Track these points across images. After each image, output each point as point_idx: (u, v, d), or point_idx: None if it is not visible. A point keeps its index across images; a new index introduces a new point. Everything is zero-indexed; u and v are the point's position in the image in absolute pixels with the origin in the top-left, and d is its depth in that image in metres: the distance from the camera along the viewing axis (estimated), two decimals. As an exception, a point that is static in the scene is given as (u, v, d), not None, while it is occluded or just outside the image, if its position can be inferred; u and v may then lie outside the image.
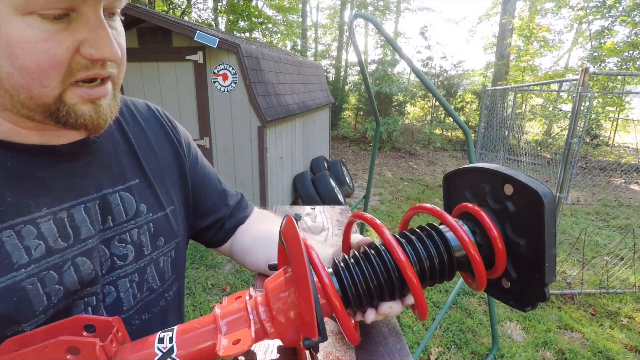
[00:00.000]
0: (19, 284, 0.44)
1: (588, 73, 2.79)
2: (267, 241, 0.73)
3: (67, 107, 0.44)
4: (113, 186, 0.56)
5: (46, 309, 0.46)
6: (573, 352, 2.47)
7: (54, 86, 0.42)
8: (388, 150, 9.26)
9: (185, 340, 0.44)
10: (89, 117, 0.46)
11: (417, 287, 0.45)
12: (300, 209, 1.14)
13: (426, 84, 1.86)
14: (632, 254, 3.39)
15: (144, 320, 0.59)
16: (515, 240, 0.46)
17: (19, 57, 0.39)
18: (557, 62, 11.81)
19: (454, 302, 2.99)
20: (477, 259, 0.46)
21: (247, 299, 0.47)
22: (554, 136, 9.10)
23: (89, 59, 0.42)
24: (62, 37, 0.40)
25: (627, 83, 8.52)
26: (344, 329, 0.46)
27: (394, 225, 4.62)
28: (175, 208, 0.66)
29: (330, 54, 14.60)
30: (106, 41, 0.42)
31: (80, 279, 0.49)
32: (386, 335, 0.58)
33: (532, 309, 0.47)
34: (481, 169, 0.51)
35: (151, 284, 0.60)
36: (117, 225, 0.55)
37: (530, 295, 0.47)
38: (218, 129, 4.07)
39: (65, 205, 0.49)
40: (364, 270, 0.48)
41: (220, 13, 11.85)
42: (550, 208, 0.42)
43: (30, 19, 0.38)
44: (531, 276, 0.46)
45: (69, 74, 0.42)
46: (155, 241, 0.61)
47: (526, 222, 0.45)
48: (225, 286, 3.16)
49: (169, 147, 0.68)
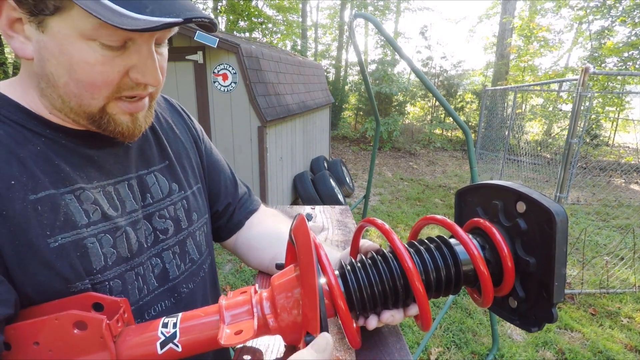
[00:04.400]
0: (82, 241, 0.50)
1: (588, 73, 2.79)
2: (275, 240, 0.75)
3: (109, 116, 0.51)
4: (148, 168, 0.63)
5: (103, 269, 0.52)
6: (573, 352, 2.47)
7: (101, 99, 0.49)
8: (388, 150, 9.26)
9: (189, 328, 0.45)
10: (126, 126, 0.53)
11: (422, 296, 0.45)
12: (300, 209, 1.14)
13: (426, 84, 1.86)
14: (632, 254, 3.39)
15: (190, 289, 0.66)
16: (525, 258, 0.46)
17: (77, 73, 0.46)
18: (557, 62, 11.82)
19: (454, 302, 2.99)
20: (486, 274, 0.46)
21: (253, 293, 0.48)
22: (554, 136, 9.10)
23: (135, 82, 0.49)
24: (116, 62, 0.46)
25: (627, 83, 8.52)
26: (346, 331, 0.46)
27: (394, 225, 4.62)
28: (200, 187, 0.73)
29: (330, 53, 14.61)
30: (152, 70, 0.49)
31: (130, 247, 0.56)
32: (386, 335, 0.58)
33: (538, 330, 0.47)
34: (495, 185, 0.51)
35: (192, 255, 0.67)
36: (156, 202, 0.62)
37: (537, 316, 0.46)
38: (218, 129, 4.07)
39: (111, 181, 0.56)
40: (370, 276, 0.48)
41: (220, 13, 11.84)
42: (563, 227, 0.42)
43: (93, 43, 0.44)
44: (539, 296, 0.45)
45: (116, 91, 0.49)
46: (190, 216, 0.67)
47: (537, 240, 0.44)
48: (225, 286, 3.16)
49: (187, 133, 0.74)
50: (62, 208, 0.49)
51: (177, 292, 0.63)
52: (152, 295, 0.59)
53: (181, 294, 0.63)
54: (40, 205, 0.47)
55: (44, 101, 0.51)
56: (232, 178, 0.82)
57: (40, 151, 0.50)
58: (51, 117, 0.52)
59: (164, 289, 0.61)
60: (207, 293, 0.71)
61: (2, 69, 7.04)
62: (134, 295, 0.56)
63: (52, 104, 0.50)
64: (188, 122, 0.76)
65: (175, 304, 0.62)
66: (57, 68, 0.46)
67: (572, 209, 5.36)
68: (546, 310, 0.44)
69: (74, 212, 0.50)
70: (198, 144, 0.76)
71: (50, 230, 0.47)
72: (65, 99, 0.48)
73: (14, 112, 0.50)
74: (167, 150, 0.67)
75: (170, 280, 0.62)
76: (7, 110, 0.50)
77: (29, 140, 0.49)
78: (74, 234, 0.49)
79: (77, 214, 0.50)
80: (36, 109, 0.51)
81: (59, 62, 0.45)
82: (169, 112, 0.74)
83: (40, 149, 0.50)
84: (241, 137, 4.04)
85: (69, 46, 0.44)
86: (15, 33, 0.46)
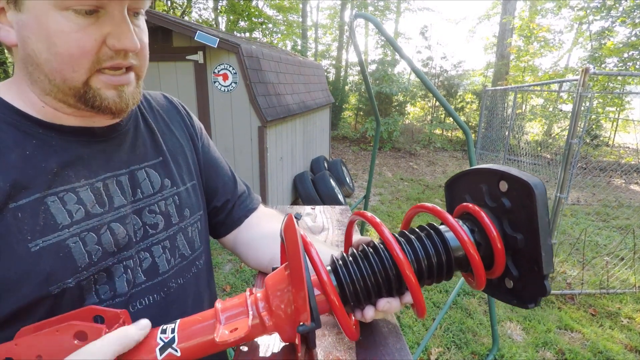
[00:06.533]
0: (64, 242, 0.51)
1: (588, 73, 2.79)
2: (272, 241, 0.75)
3: (93, 90, 0.51)
4: (139, 163, 0.63)
5: (88, 266, 0.53)
6: (573, 352, 2.47)
7: (82, 72, 0.50)
8: (388, 150, 9.26)
9: (187, 332, 0.46)
10: (112, 101, 0.53)
11: (414, 284, 0.46)
12: (301, 209, 1.14)
13: (426, 84, 1.86)
14: (632, 255, 3.39)
15: (180, 285, 0.66)
16: (513, 235, 0.47)
17: (56, 45, 0.47)
18: (557, 62, 11.81)
19: (454, 302, 2.99)
20: (476, 257, 0.47)
21: (248, 294, 0.49)
22: (554, 136, 9.10)
23: (112, 49, 0.50)
24: (91, 30, 0.48)
25: (627, 83, 8.52)
26: (340, 323, 0.47)
27: (394, 225, 4.62)
28: (196, 183, 0.73)
29: (331, 54, 14.61)
30: (127, 34, 0.50)
31: (116, 242, 0.56)
32: (386, 335, 0.58)
33: (535, 306, 0.48)
34: (478, 169, 0.52)
35: (182, 251, 0.67)
36: (146, 198, 0.63)
37: (532, 291, 0.47)
38: (218, 129, 4.07)
39: (100, 177, 0.57)
40: (361, 268, 0.48)
41: (221, 13, 11.84)
42: (542, 198, 0.43)
43: (66, 13, 0.46)
44: (531, 270, 0.46)
45: (96, 62, 0.50)
46: (182, 212, 0.68)
47: (522, 216, 0.46)
48: (225, 286, 3.16)
49: (183, 130, 0.75)
50: (42, 212, 0.50)
51: (166, 286, 0.63)
52: (139, 288, 0.59)
53: (170, 289, 0.64)
54: (20, 212, 0.48)
55: (35, 89, 0.52)
56: (230, 176, 0.82)
57: (28, 155, 0.50)
58: (45, 111, 0.53)
59: (153, 283, 0.61)
60: (200, 290, 0.72)
61: (2, 69, 7.05)
62: (122, 288, 0.57)
63: (42, 88, 0.51)
64: (186, 119, 0.77)
65: (165, 298, 0.63)
66: (37, 44, 0.47)
67: (572, 210, 5.36)
68: (539, 284, 0.45)
69: (55, 214, 0.51)
70: (195, 142, 0.76)
71: (31, 235, 0.48)
72: (50, 76, 0.50)
73: (8, 114, 0.51)
74: (161, 146, 0.68)
75: (160, 275, 0.62)
76: (1, 112, 0.51)
77: (19, 144, 0.50)
78: (55, 236, 0.50)
79: (60, 215, 0.51)
80: (31, 106, 0.53)
81: (37, 38, 0.47)
82: (166, 109, 0.74)
83: (29, 153, 0.51)
84: (241, 137, 4.04)
85: (44, 18, 0.46)
86: (0, 23, 0.49)
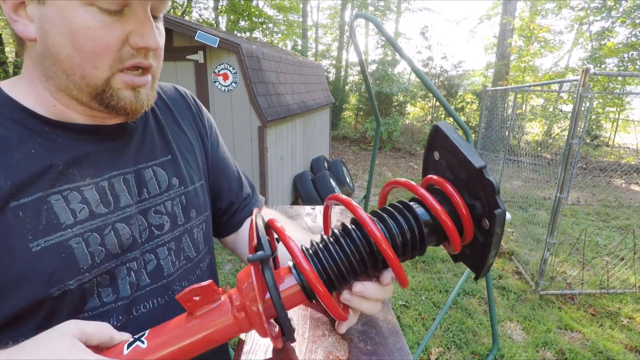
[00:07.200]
0: (67, 242, 0.50)
1: (588, 74, 2.79)
2: None
3: (112, 90, 0.51)
4: (147, 162, 0.62)
5: (90, 268, 0.52)
6: (573, 352, 2.47)
7: (104, 69, 0.49)
8: (388, 150, 9.26)
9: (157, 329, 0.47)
10: (128, 101, 0.53)
11: (392, 258, 0.46)
12: (301, 209, 1.14)
13: (427, 84, 1.86)
14: (632, 255, 3.39)
15: (184, 287, 0.64)
16: (472, 203, 0.48)
17: (79, 41, 0.47)
18: (558, 62, 11.81)
19: (454, 302, 2.99)
20: (448, 222, 0.47)
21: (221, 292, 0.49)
22: (555, 137, 9.09)
23: (135, 46, 0.50)
24: (114, 27, 0.48)
25: (627, 84, 8.52)
26: (323, 301, 0.46)
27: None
28: (204, 183, 0.72)
29: (331, 54, 14.61)
30: (150, 32, 0.50)
31: (120, 243, 0.55)
32: (386, 335, 0.58)
33: (479, 276, 0.49)
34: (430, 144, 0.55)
35: (187, 253, 0.66)
36: (152, 197, 0.61)
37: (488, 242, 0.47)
38: (218, 129, 4.06)
39: (106, 176, 0.56)
40: (330, 249, 0.49)
41: (221, 13, 11.85)
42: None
43: (91, 9, 0.46)
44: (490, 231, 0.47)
45: (118, 60, 0.49)
46: (188, 213, 0.66)
47: (475, 184, 0.46)
48: (225, 286, 3.16)
49: (194, 128, 0.73)
50: (45, 211, 0.49)
51: (170, 289, 0.62)
52: (143, 291, 0.58)
53: (174, 292, 0.62)
54: (22, 211, 0.47)
55: (49, 85, 0.51)
56: (237, 177, 0.81)
57: (33, 154, 0.50)
58: (55, 109, 0.53)
59: (157, 286, 0.60)
60: None
61: (3, 69, 7.05)
62: (125, 291, 0.55)
63: (57, 85, 0.51)
64: (197, 116, 0.75)
65: (169, 302, 0.61)
66: (59, 38, 0.47)
67: (572, 210, 5.36)
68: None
69: (59, 213, 0.50)
70: (204, 140, 0.75)
71: (33, 234, 0.47)
72: (69, 72, 0.49)
73: (14, 111, 0.50)
74: (170, 143, 0.66)
75: (164, 277, 0.61)
76: (7, 109, 0.50)
77: (24, 142, 0.50)
78: (57, 236, 0.49)
79: (63, 214, 0.50)
80: (41, 104, 0.52)
81: (60, 32, 0.46)
82: (177, 103, 0.73)
83: (34, 152, 0.50)
84: (241, 137, 4.04)
85: (68, 13, 0.46)
86: (19, 17, 0.48)
